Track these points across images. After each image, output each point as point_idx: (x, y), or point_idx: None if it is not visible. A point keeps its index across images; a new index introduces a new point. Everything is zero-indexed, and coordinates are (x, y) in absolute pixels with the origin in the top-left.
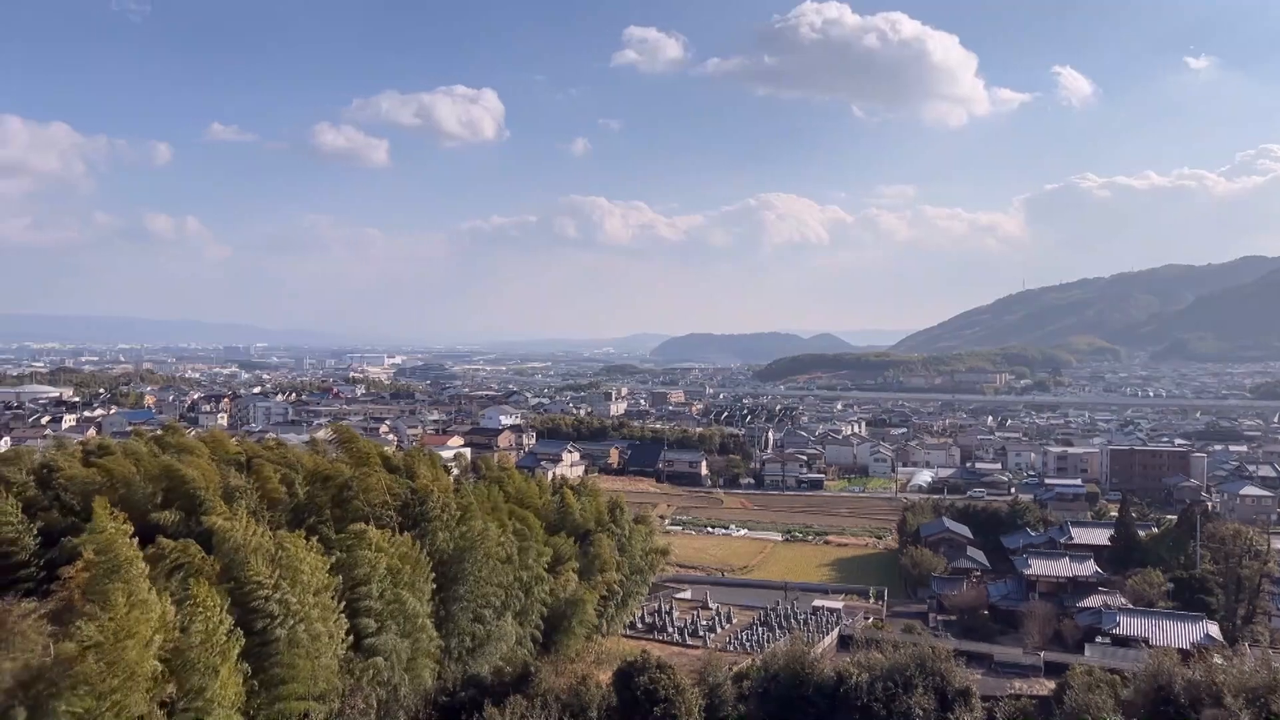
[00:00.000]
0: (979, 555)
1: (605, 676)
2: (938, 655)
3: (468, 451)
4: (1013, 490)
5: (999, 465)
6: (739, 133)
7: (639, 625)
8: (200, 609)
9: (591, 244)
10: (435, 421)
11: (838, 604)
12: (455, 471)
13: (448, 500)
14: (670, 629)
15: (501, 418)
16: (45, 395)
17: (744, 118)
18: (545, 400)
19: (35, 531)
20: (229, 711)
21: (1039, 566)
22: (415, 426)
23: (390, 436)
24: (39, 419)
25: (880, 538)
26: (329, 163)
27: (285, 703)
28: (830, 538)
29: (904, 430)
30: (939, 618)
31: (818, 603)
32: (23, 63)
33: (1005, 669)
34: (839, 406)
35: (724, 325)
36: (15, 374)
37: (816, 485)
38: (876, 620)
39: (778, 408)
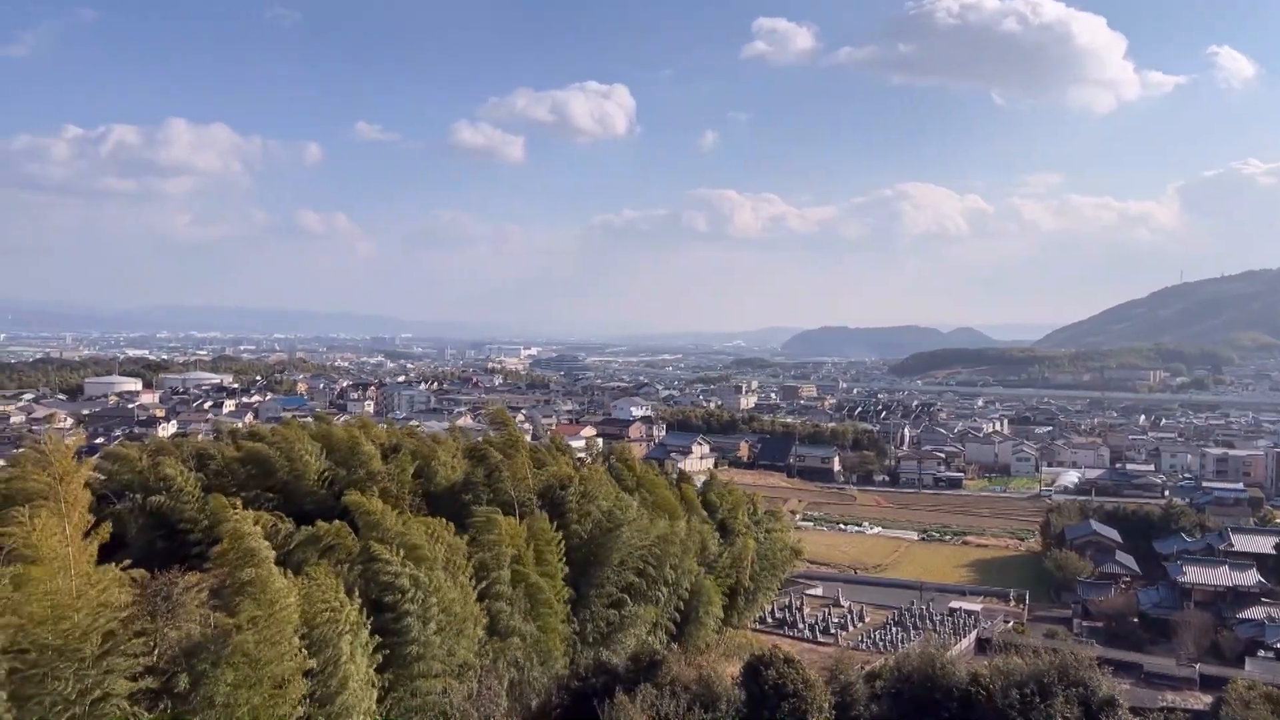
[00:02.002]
0: (1129, 560)
1: (734, 669)
2: (1082, 662)
3: (600, 442)
4: (1166, 493)
5: (1152, 467)
6: (872, 122)
7: (769, 620)
8: (321, 587)
9: (722, 237)
10: (569, 412)
11: (976, 606)
12: (589, 460)
13: (586, 486)
14: (800, 625)
15: (632, 409)
16: (208, 381)
17: (877, 107)
18: (675, 392)
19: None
20: (362, 684)
21: (1195, 574)
22: (550, 416)
23: (526, 426)
24: (202, 404)
25: (1022, 539)
26: (468, 160)
27: (423, 679)
28: (969, 538)
29: (1049, 429)
30: (1084, 624)
31: (954, 604)
32: (186, 69)
33: (1156, 680)
34: (979, 403)
35: (858, 318)
36: (181, 361)
37: (955, 484)
38: (1017, 624)
39: (914, 404)
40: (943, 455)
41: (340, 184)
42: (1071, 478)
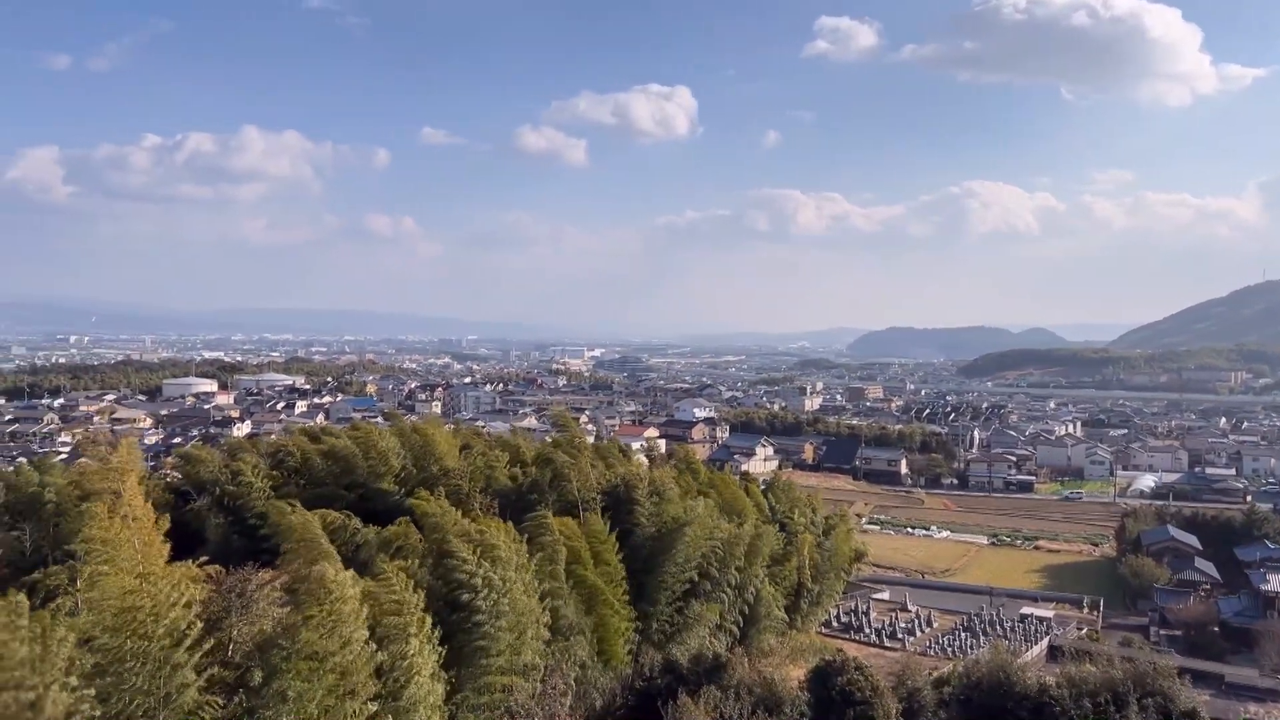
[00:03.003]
0: (1208, 567)
1: (799, 673)
2: (1159, 672)
3: (662, 443)
4: (1248, 498)
5: (1233, 471)
6: (938, 120)
7: (835, 624)
8: (389, 585)
9: (784, 236)
10: (631, 413)
11: (1048, 612)
12: (653, 461)
13: (649, 487)
14: (867, 629)
15: (695, 410)
16: (281, 383)
17: (943, 104)
18: (739, 394)
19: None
20: (429, 681)
21: (1278, 582)
22: (613, 417)
23: (589, 426)
24: (275, 405)
25: (1097, 545)
26: (531, 163)
27: (490, 677)
28: (1040, 543)
29: (1124, 431)
30: (1161, 632)
31: (1026, 610)
32: (259, 77)
33: (1238, 691)
34: (1051, 405)
35: (925, 319)
36: (255, 363)
37: (1026, 487)
38: (1091, 631)
39: (984, 405)
40: (1013, 458)
41: (407, 188)
42: (1148, 481)
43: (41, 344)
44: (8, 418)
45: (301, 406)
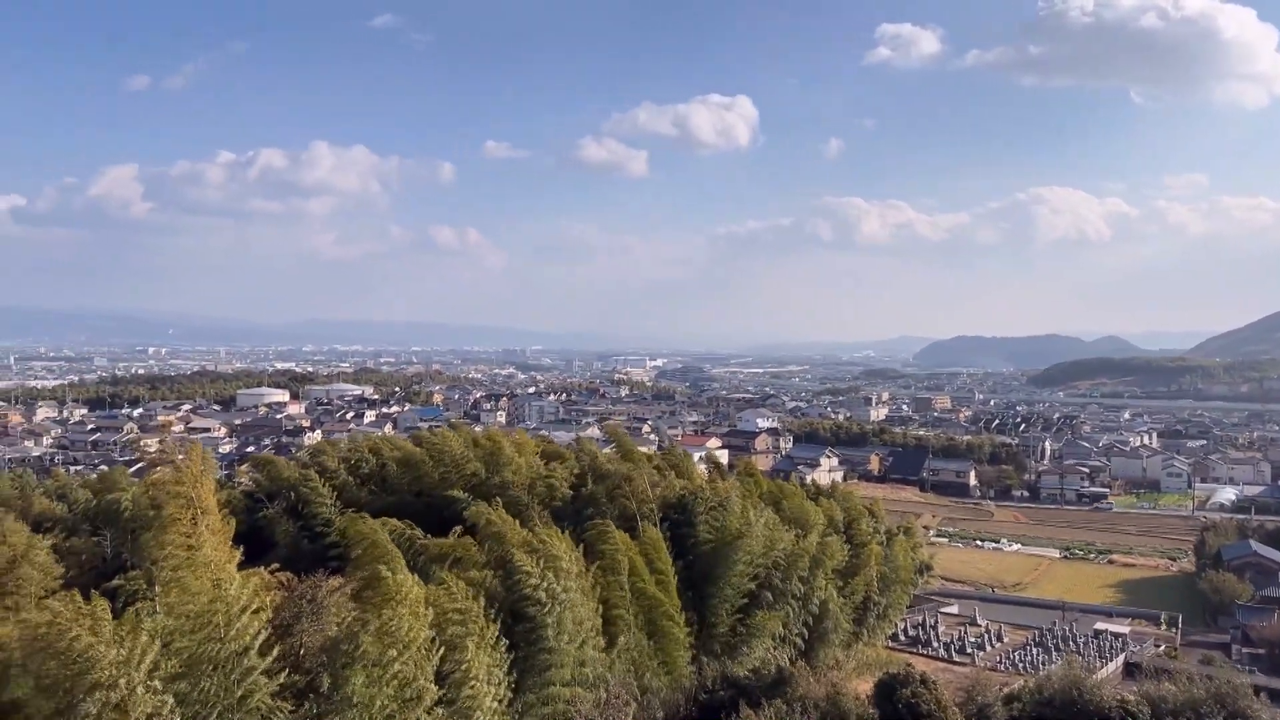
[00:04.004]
0: None
1: (864, 687)
2: (1242, 691)
3: (725, 453)
4: None
5: None
6: (1004, 126)
7: (901, 638)
8: (451, 593)
9: (848, 245)
10: (694, 423)
11: (1123, 628)
12: (714, 471)
13: (709, 498)
14: (935, 644)
15: (758, 420)
16: (350, 393)
17: (1009, 110)
18: (802, 404)
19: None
20: (491, 688)
21: None
22: (675, 427)
23: (651, 436)
24: (344, 414)
25: (1174, 559)
26: (593, 174)
27: (553, 688)
28: (1115, 557)
29: (1203, 443)
30: (1244, 650)
31: (1100, 626)
32: (328, 94)
33: None
34: (1126, 415)
35: (994, 327)
36: (325, 374)
37: (1099, 500)
38: (1169, 649)
39: (1056, 416)
40: (1086, 470)
41: (472, 200)
42: (1228, 494)
43: (122, 355)
44: (90, 427)
45: (370, 416)
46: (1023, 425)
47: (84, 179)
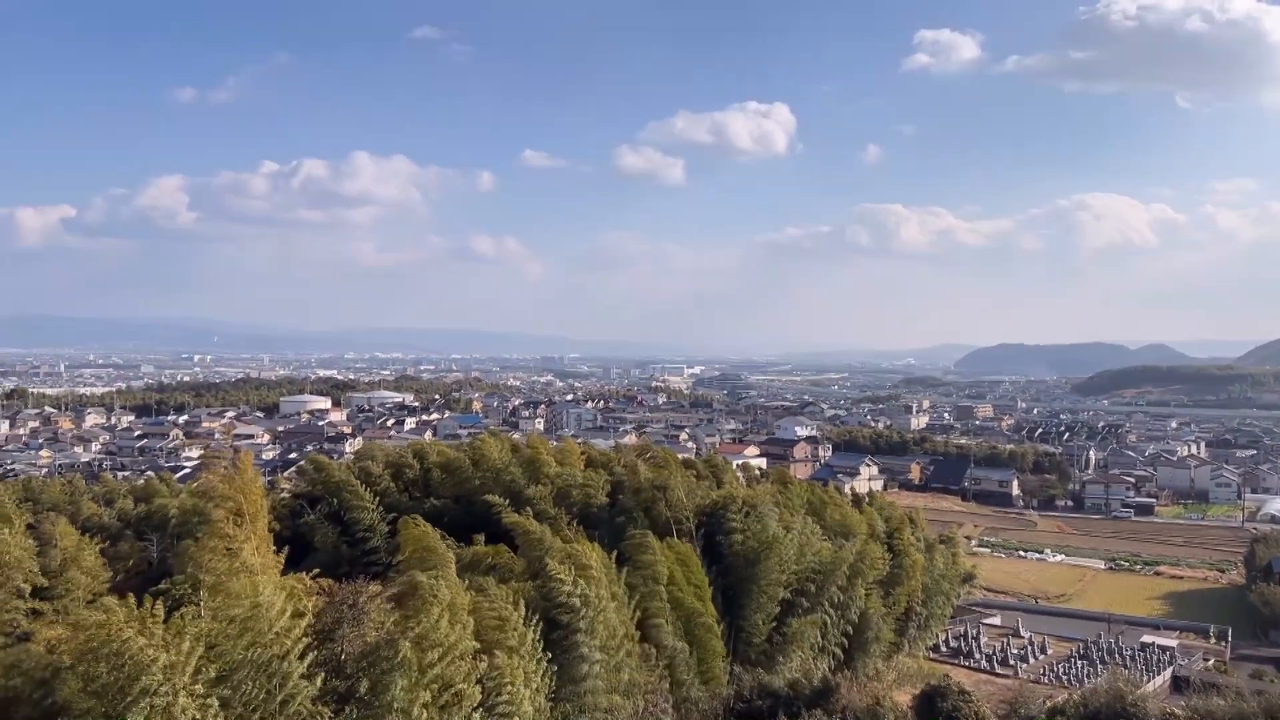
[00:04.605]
0: None
1: (905, 699)
2: None
3: (763, 461)
4: None
5: None
6: (1046, 131)
7: (943, 649)
8: (490, 599)
9: (887, 252)
10: (731, 431)
11: (1170, 642)
12: (751, 479)
13: (745, 506)
14: (977, 655)
15: (797, 429)
16: (391, 400)
17: (1051, 115)
18: (842, 412)
19: (386, 519)
20: (529, 693)
21: None
22: (713, 435)
23: (689, 444)
24: (385, 421)
25: (1223, 571)
26: (630, 183)
27: (589, 695)
28: (1161, 568)
29: (1253, 453)
30: None
31: (1147, 639)
32: (369, 105)
33: None
34: (1173, 424)
35: (1037, 335)
36: (366, 381)
37: (1145, 510)
38: (1218, 663)
39: (1100, 424)
40: (1132, 480)
41: (511, 209)
42: (1279, 505)
43: (168, 363)
44: (137, 433)
45: (410, 423)
46: (1066, 434)
47: (132, 189)
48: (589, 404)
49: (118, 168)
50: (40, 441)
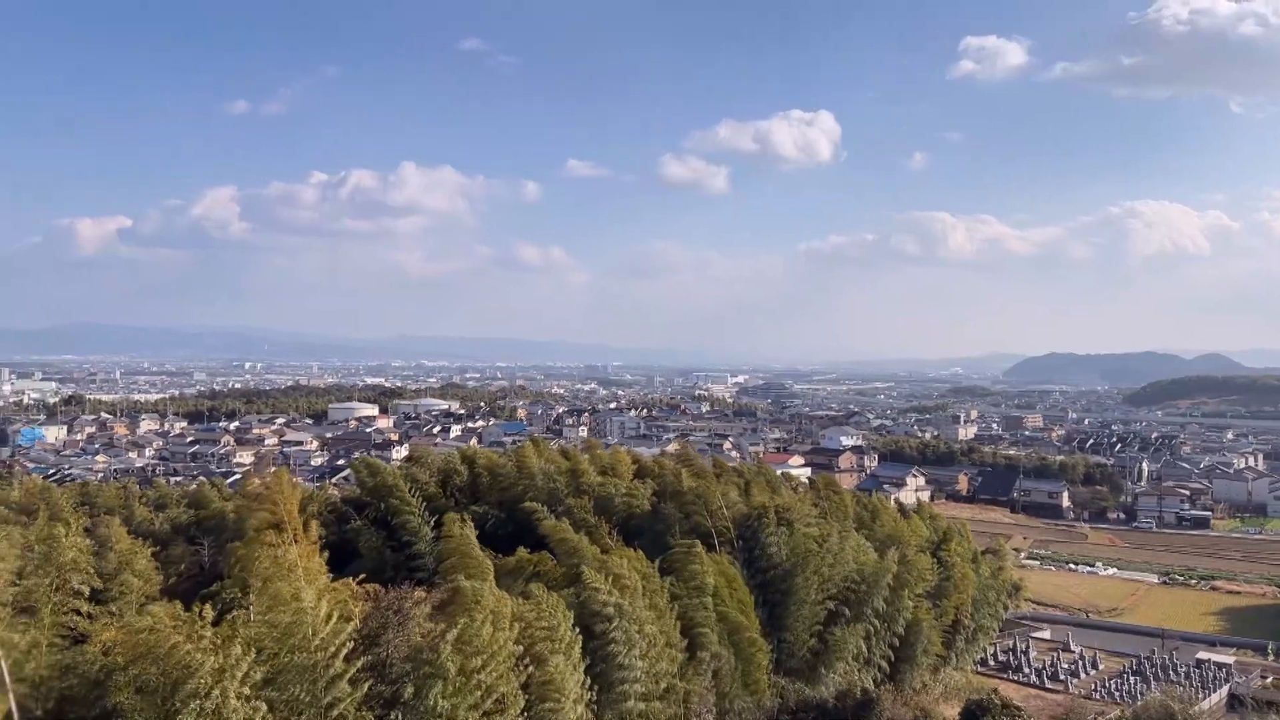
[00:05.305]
0: None
1: (952, 713)
2: None
3: (807, 471)
4: None
5: None
6: (1095, 138)
7: (991, 663)
8: (539, 607)
9: (933, 260)
10: (776, 440)
11: (1227, 658)
12: (795, 488)
13: (786, 515)
14: (1026, 669)
15: (842, 438)
16: (437, 408)
17: (1100, 122)
18: (888, 422)
19: (431, 524)
20: (571, 701)
21: None
22: (756, 444)
23: (733, 453)
24: (431, 428)
25: None
26: (674, 191)
27: (629, 702)
28: (1217, 583)
29: None
30: None
31: (1202, 655)
32: (417, 116)
33: None
34: (1229, 436)
35: (1087, 344)
36: (413, 389)
37: (1201, 524)
38: (1276, 680)
39: (1154, 436)
40: (1186, 492)
41: (555, 218)
42: None
43: (220, 370)
44: (190, 439)
45: (456, 430)
46: (1118, 445)
47: (187, 200)
48: (632, 412)
49: (173, 179)
50: (97, 446)
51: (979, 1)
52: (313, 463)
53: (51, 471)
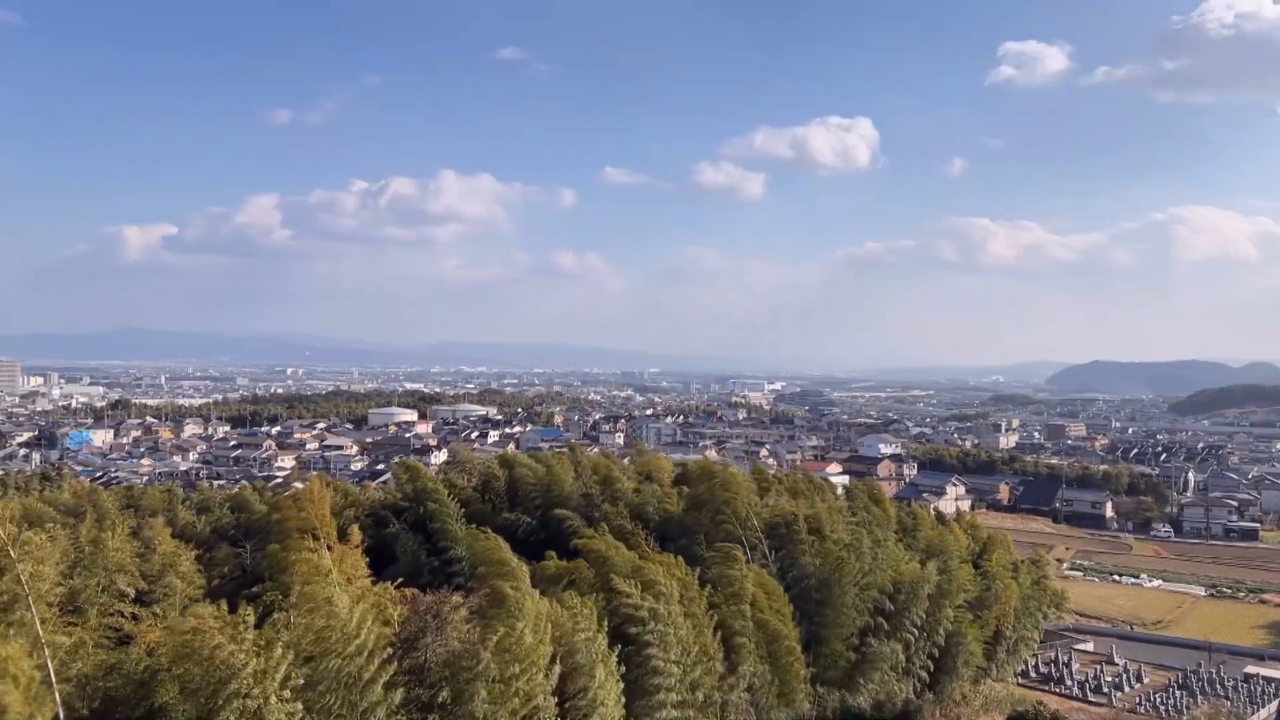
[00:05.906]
0: None
1: None
2: None
3: (845, 479)
4: None
5: None
6: (1138, 144)
7: (1033, 675)
8: (576, 614)
9: (974, 267)
10: (813, 447)
11: (1277, 673)
12: (831, 496)
13: (821, 524)
14: (1069, 681)
15: (881, 446)
16: (475, 413)
17: (1143, 127)
18: (927, 430)
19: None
20: (610, 709)
21: None
22: (794, 452)
23: (770, 460)
24: (469, 434)
25: None
26: (711, 198)
27: (665, 709)
28: (1267, 596)
29: None
30: None
31: (1251, 669)
32: (455, 124)
33: None
34: (1278, 446)
35: (1132, 352)
36: (452, 394)
37: (1250, 535)
38: None
39: (1200, 445)
40: (1234, 503)
41: (593, 225)
42: None
43: (262, 376)
44: (232, 443)
45: (494, 436)
46: (1164, 455)
47: (230, 208)
48: (668, 419)
49: (217, 187)
50: (142, 450)
51: (1018, 7)
52: (353, 467)
53: (98, 474)
